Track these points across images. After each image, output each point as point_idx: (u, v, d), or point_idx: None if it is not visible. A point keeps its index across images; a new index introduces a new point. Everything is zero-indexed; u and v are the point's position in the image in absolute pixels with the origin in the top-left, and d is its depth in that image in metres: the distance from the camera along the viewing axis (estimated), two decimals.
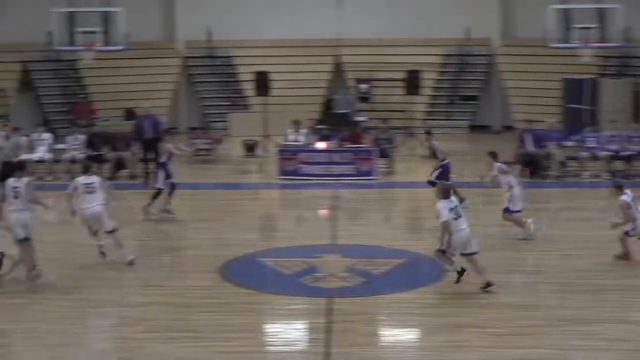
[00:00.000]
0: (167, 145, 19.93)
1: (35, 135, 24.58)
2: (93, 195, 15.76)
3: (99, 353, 12.11)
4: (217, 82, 32.94)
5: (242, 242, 17.25)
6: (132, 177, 23.84)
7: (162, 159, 19.81)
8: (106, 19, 25.95)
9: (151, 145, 22.98)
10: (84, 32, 25.65)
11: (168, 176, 19.62)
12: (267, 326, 13.27)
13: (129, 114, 29.05)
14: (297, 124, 24.88)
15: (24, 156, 23.86)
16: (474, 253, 14.14)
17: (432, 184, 18.64)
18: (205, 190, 23.25)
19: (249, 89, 30.73)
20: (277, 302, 14.11)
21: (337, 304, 13.74)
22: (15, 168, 15.89)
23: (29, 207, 15.02)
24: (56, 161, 24.19)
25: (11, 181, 15.07)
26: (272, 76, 28.35)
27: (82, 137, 24.36)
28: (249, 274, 15.54)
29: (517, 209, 17.25)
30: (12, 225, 14.89)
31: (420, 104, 30.92)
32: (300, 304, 14.02)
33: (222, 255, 16.43)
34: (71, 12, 25.88)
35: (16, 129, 24.69)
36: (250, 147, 27.25)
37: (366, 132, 26.16)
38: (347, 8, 32.37)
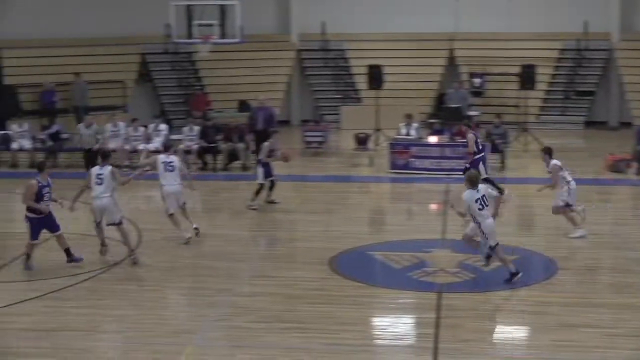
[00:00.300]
0: (266, 144, 20.07)
1: (152, 126, 25.13)
2: (102, 186, 15.71)
3: (211, 341, 12.33)
4: (330, 75, 33.06)
5: (351, 235, 17.30)
6: (245, 168, 24.15)
7: (261, 157, 19.91)
8: (223, 12, 26.29)
9: (263, 137, 23.23)
10: (201, 25, 26.05)
11: (268, 173, 19.77)
12: (376, 319, 13.28)
13: (243, 106, 29.45)
14: (409, 118, 24.79)
15: (141, 146, 24.48)
16: (496, 244, 14.24)
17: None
18: (316, 182, 23.38)
19: (361, 82, 30.74)
20: (386, 296, 14.11)
21: (446, 299, 13.67)
22: (98, 156, 16.52)
23: (112, 194, 15.62)
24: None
25: (95, 169, 15.75)
26: (385, 69, 28.31)
27: (196, 128, 24.79)
28: (358, 267, 15.57)
29: (572, 203, 17.02)
30: (94, 211, 15.69)
31: (534, 98, 30.41)
32: (409, 298, 14.00)
33: (331, 248, 16.51)
34: (189, 5, 26.32)
35: (134, 120, 25.30)
36: (361, 140, 27.28)
37: (478, 127, 25.89)
38: (463, 1, 32.07)
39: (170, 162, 17.05)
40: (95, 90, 29.31)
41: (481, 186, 14.37)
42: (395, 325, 12.97)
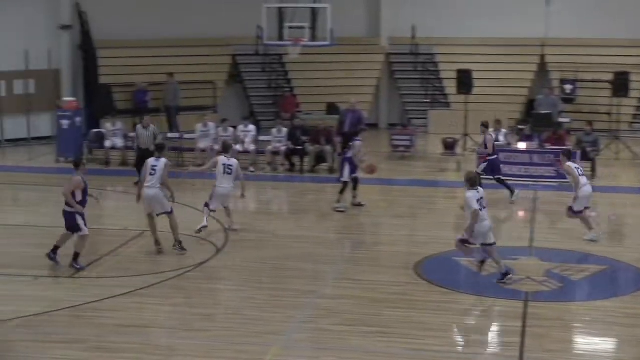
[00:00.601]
0: (357, 142, 20.09)
1: (241, 127, 25.40)
2: (155, 177, 16.29)
3: (296, 342, 12.42)
4: (418, 79, 32.93)
5: (437, 240, 17.22)
6: (332, 170, 24.23)
7: (349, 154, 20.00)
8: (314, 14, 26.43)
9: (350, 140, 23.28)
10: (292, 27, 26.22)
11: (352, 171, 19.85)
12: (460, 326, 13.21)
13: (331, 109, 29.56)
14: (498, 123, 24.56)
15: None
16: (493, 244, 14.56)
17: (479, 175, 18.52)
18: (402, 186, 23.33)
19: (450, 86, 30.57)
20: (471, 303, 14.03)
21: (533, 308, 13.52)
22: (155, 148, 17.27)
23: (161, 186, 16.36)
24: (260, 153, 24.90)
25: (151, 160, 16.42)
26: (475, 74, 28.10)
27: (285, 130, 24.97)
28: (443, 272, 15.50)
29: (580, 209, 17.33)
30: (144, 200, 16.41)
31: (628, 106, 29.83)
32: (494, 305, 13.90)
33: (416, 253, 16.48)
34: (281, 7, 26.52)
35: (224, 120, 25.60)
36: (449, 145, 27.14)
37: (569, 134, 25.52)
38: (556, 6, 31.64)
39: (230, 165, 17.61)
40: (186, 91, 29.75)
41: (481, 189, 14.72)
42: (480, 333, 12.89)
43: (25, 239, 17.32)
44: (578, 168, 17.76)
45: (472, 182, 14.67)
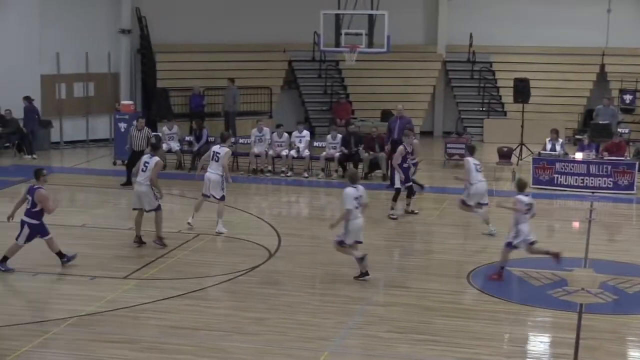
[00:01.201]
0: (400, 148, 20.04)
1: (295, 133, 25.50)
2: (145, 173, 16.96)
3: (346, 348, 12.44)
4: (475, 87, 32.80)
5: (490, 250, 17.11)
6: (385, 177, 24.21)
7: (395, 162, 19.91)
8: (371, 21, 26.47)
9: (398, 146, 23.24)
10: (349, 34, 26.28)
11: (407, 179, 19.80)
12: (512, 336, 13.12)
13: (386, 115, 29.55)
14: (555, 133, 24.34)
15: (284, 152, 24.84)
16: (359, 242, 15.28)
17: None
18: (456, 194, 23.15)
19: (507, 95, 30.39)
20: (524, 313, 13.93)
21: (587, 320, 13.39)
22: (152, 148, 18.00)
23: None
24: (314, 158, 24.96)
25: (145, 157, 17.22)
26: (532, 83, 27.89)
27: (339, 136, 25.00)
28: (496, 282, 15.39)
29: (471, 203, 18.52)
30: (133, 194, 17.36)
31: None
32: (547, 316, 13.79)
33: (469, 262, 16.41)
34: (338, 14, 26.60)
35: (279, 126, 25.72)
36: (504, 154, 26.93)
37: (628, 145, 25.22)
38: (615, 16, 31.31)
39: (218, 152, 18.18)
40: (242, 96, 29.94)
41: (360, 187, 15.36)
42: (532, 344, 12.80)
43: (81, 239, 17.58)
44: (477, 165, 18.51)
45: (353, 178, 15.52)
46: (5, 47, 27.51)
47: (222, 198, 17.93)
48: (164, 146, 25.72)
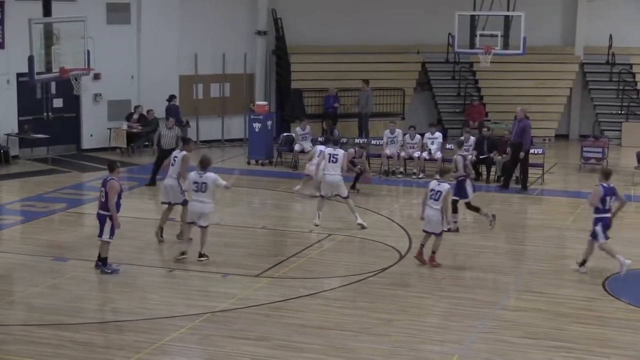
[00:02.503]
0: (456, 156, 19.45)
1: (428, 134, 25.38)
2: (173, 168, 17.15)
3: (476, 352, 12.34)
4: (613, 89, 31.96)
5: (627, 256, 16.59)
6: (518, 180, 23.86)
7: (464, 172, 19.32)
8: (507, 22, 26.14)
9: (518, 150, 22.94)
10: (484, 35, 26.03)
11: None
12: None
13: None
14: None
15: (416, 154, 24.78)
16: (205, 227, 15.92)
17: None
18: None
19: None
20: None
21: None
22: (182, 142, 18.30)
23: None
24: (446, 161, 24.78)
25: (175, 152, 17.60)
26: None
27: (472, 139, 24.76)
28: (634, 289, 14.98)
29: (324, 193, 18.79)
30: (162, 187, 17.90)
31: None
32: None
33: (604, 268, 16.01)
34: (473, 15, 26.37)
35: (411, 127, 25.66)
36: None
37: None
38: None
39: (336, 154, 18.74)
40: (375, 97, 30.00)
41: (209, 174, 15.90)
42: None
43: (215, 237, 17.96)
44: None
45: (203, 164, 15.95)
46: (147, 48, 28.35)
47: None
48: (297, 146, 26.03)
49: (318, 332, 12.85)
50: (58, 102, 27.32)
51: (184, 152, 17.50)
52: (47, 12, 20.04)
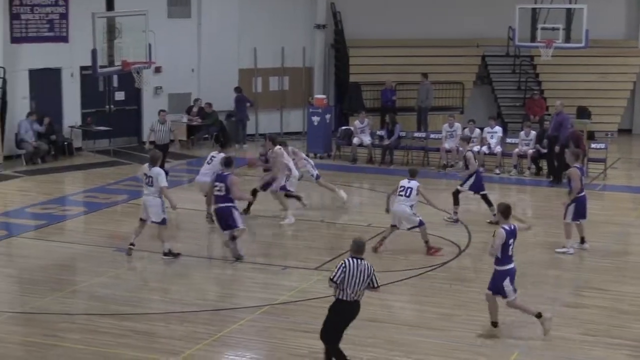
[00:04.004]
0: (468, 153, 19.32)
1: (487, 128, 25.20)
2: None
3: (536, 350, 12.25)
4: None
5: None
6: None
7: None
8: (569, 15, 25.85)
9: (554, 144, 22.74)
10: (545, 29, 25.76)
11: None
12: None
13: (582, 112, 28.78)
14: None
15: (475, 148, 24.63)
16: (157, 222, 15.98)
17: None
18: None
19: None
20: None
21: None
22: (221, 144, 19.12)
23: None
24: (506, 155, 24.61)
25: (213, 152, 17.80)
26: None
27: (533, 133, 24.53)
28: None
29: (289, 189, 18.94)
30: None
31: None
32: None
33: None
34: (535, 8, 26.12)
35: (470, 121, 25.50)
36: None
37: None
38: None
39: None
40: (434, 91, 29.89)
41: (155, 169, 15.81)
42: None
43: (274, 229, 18.08)
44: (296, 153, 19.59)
45: (153, 160, 15.96)
46: (207, 42, 28.58)
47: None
48: (355, 140, 26.02)
49: (377, 325, 12.85)
50: (120, 95, 27.69)
51: (222, 154, 17.65)
52: (110, 6, 20.35)
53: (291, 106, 30.32)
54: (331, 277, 11.00)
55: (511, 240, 12.49)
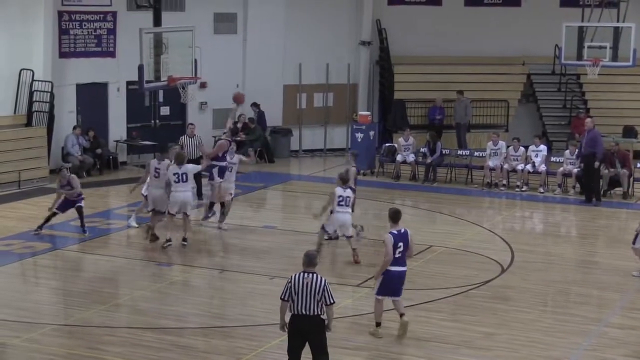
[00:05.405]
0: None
1: (532, 147, 25.03)
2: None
3: None
4: None
5: None
6: (625, 195, 23.38)
7: None
8: (616, 34, 25.63)
9: (586, 162, 22.57)
10: (592, 47, 25.58)
11: None
12: None
13: (628, 131, 28.51)
14: None
15: (520, 166, 24.47)
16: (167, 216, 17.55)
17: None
18: None
19: None
20: None
21: None
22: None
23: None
24: (550, 173, 24.42)
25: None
26: None
27: (577, 152, 24.30)
28: None
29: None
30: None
31: None
32: None
33: None
34: (582, 26, 25.96)
35: (515, 139, 25.35)
36: None
37: None
38: None
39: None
40: (479, 109, 29.77)
41: (185, 166, 17.55)
42: None
43: (314, 246, 18.09)
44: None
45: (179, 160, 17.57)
46: (253, 58, 28.72)
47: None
48: (399, 157, 25.97)
49: (417, 343, 12.79)
50: (165, 110, 27.90)
51: (166, 162, 18.24)
52: (157, 22, 20.53)
53: (335, 122, 30.35)
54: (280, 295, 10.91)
55: (400, 244, 12.73)
